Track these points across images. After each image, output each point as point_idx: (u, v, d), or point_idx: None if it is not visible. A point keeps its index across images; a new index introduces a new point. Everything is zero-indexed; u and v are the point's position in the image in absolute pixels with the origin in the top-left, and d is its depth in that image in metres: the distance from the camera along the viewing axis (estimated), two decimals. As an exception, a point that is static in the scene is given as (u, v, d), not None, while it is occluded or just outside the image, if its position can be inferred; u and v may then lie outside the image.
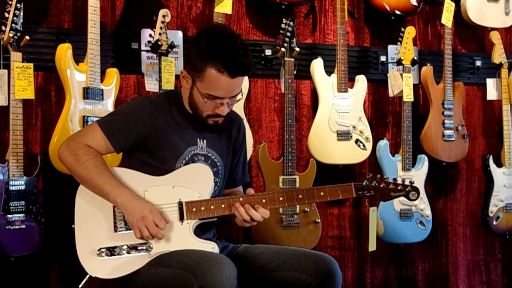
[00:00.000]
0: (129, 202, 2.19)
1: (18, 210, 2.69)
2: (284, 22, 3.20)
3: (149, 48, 2.98)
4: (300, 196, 2.33)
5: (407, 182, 2.40)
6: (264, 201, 2.30)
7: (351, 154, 3.36)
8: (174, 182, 2.29)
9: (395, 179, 2.40)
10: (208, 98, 2.27)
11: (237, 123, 2.54)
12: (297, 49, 3.19)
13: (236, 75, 2.24)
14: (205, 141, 2.40)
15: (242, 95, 2.42)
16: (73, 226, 2.25)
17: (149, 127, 2.32)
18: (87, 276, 2.22)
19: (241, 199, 2.30)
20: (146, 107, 2.34)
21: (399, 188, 2.38)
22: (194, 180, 2.30)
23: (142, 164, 2.34)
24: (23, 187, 2.71)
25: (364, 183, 2.36)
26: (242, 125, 2.58)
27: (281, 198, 2.32)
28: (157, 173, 2.30)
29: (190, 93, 2.33)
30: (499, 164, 3.77)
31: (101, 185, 2.21)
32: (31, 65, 2.72)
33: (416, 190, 2.39)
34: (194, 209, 2.26)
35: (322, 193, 2.34)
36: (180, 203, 2.26)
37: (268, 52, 3.37)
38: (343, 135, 3.32)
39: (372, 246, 2.62)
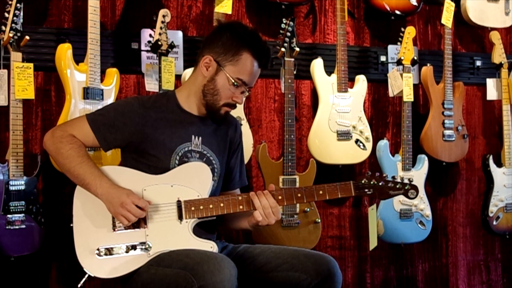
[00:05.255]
0: (107, 192, 2.20)
1: (18, 210, 2.69)
2: (284, 22, 3.20)
3: (149, 48, 2.98)
4: (299, 195, 2.33)
5: (406, 180, 2.40)
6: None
7: (351, 154, 3.36)
8: (172, 181, 2.29)
9: (394, 177, 2.40)
10: (236, 83, 2.33)
11: (233, 123, 2.56)
12: (297, 49, 3.19)
13: (262, 66, 2.39)
14: (200, 138, 2.41)
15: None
16: (71, 225, 2.25)
17: (137, 126, 2.32)
18: (86, 276, 2.22)
19: (239, 198, 2.30)
20: (135, 106, 2.35)
21: (398, 186, 2.38)
22: (193, 179, 2.30)
23: (136, 163, 2.34)
24: (23, 187, 2.71)
25: (363, 181, 2.36)
26: (239, 126, 2.59)
27: (280, 197, 2.32)
28: (153, 172, 2.31)
29: (210, 79, 2.35)
30: (499, 164, 3.77)
31: (83, 174, 2.22)
32: (31, 65, 2.72)
33: (415, 188, 2.39)
34: (193, 208, 2.26)
35: (321, 192, 2.34)
36: (178, 202, 2.27)
37: (268, 52, 3.36)
38: (343, 135, 3.33)
39: (372, 244, 2.61)
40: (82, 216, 2.25)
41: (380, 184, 2.37)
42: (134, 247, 2.23)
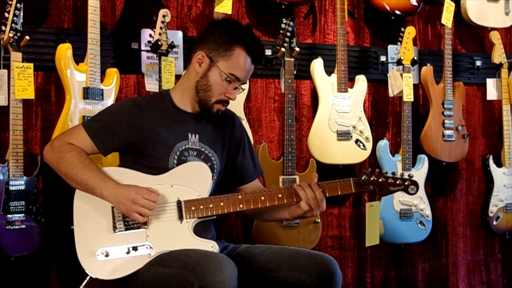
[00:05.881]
0: (115, 193, 2.19)
1: (18, 210, 2.69)
2: (284, 22, 3.20)
3: (149, 48, 2.98)
4: None
5: (406, 176, 2.39)
6: (263, 198, 2.31)
7: (351, 154, 3.36)
8: (172, 181, 2.29)
9: (394, 173, 2.39)
10: (228, 78, 2.32)
11: (230, 118, 2.55)
12: (297, 49, 3.19)
13: (255, 61, 2.38)
14: (197, 135, 2.41)
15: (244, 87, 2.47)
16: (72, 227, 2.25)
17: (134, 127, 2.32)
18: (88, 278, 2.22)
19: (239, 197, 2.30)
20: (129, 108, 2.35)
21: (398, 182, 2.37)
22: (192, 179, 2.30)
23: (135, 165, 2.34)
24: (23, 187, 2.71)
25: (363, 178, 2.36)
26: (237, 119, 2.58)
27: (280, 195, 2.32)
28: (152, 172, 2.31)
29: (203, 75, 2.35)
30: (499, 164, 3.77)
31: (86, 179, 2.22)
32: (31, 65, 2.72)
33: (415, 184, 2.38)
34: (193, 208, 2.26)
35: (321, 189, 2.33)
36: (178, 202, 2.26)
37: (268, 52, 3.35)
38: (343, 135, 3.33)
39: (369, 241, 2.60)
40: (82, 218, 2.25)
41: (380, 180, 2.36)
42: (135, 248, 2.23)
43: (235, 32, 2.34)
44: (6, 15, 2.67)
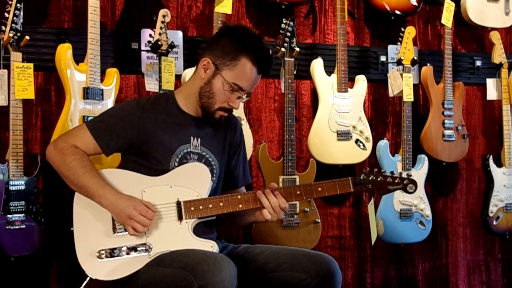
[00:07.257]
0: (113, 204, 2.20)
1: (18, 210, 2.69)
2: (284, 22, 3.20)
3: (149, 48, 2.98)
4: (298, 192, 2.33)
5: (404, 175, 2.39)
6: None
7: (351, 154, 3.36)
8: (172, 182, 2.29)
9: (392, 172, 2.39)
10: (231, 88, 2.30)
11: (232, 122, 2.55)
12: (297, 49, 3.19)
13: (262, 72, 2.35)
14: (199, 139, 2.41)
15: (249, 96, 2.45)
16: (72, 228, 2.25)
17: (137, 129, 2.32)
18: (88, 279, 2.22)
19: (239, 196, 2.31)
20: (133, 109, 2.35)
21: (396, 181, 2.37)
22: (192, 179, 2.30)
23: (136, 165, 2.34)
24: (23, 187, 2.71)
25: (361, 177, 2.36)
26: (239, 125, 2.58)
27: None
28: (153, 174, 2.31)
29: (207, 82, 2.34)
30: (499, 164, 3.77)
31: (86, 185, 2.22)
32: (31, 65, 2.72)
33: (414, 182, 2.37)
34: (192, 208, 2.26)
35: (320, 189, 2.34)
36: (178, 203, 2.27)
37: (268, 52, 3.36)
38: (343, 135, 3.33)
39: (373, 237, 2.58)
40: (82, 219, 2.25)
41: (379, 179, 2.36)
42: (134, 249, 2.23)
43: (243, 41, 2.30)
44: (6, 15, 2.67)
